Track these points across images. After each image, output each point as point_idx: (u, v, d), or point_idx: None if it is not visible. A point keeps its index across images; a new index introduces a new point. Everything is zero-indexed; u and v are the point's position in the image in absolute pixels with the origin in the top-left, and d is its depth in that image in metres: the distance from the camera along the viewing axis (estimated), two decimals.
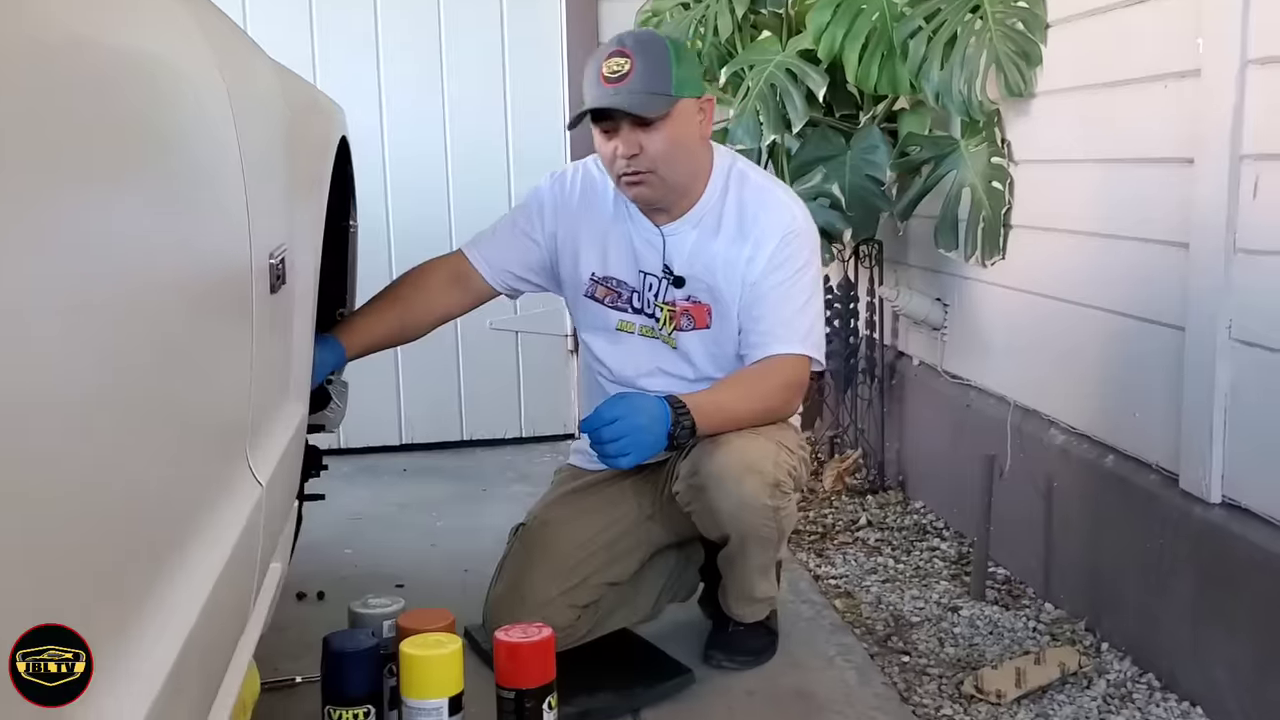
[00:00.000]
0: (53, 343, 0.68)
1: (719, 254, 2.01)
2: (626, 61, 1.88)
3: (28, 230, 0.63)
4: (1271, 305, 1.77)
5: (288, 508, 1.48)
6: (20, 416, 0.63)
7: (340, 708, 1.39)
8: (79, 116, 0.72)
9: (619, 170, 1.95)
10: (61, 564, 0.70)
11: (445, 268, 2.15)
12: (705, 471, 1.91)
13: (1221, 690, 1.86)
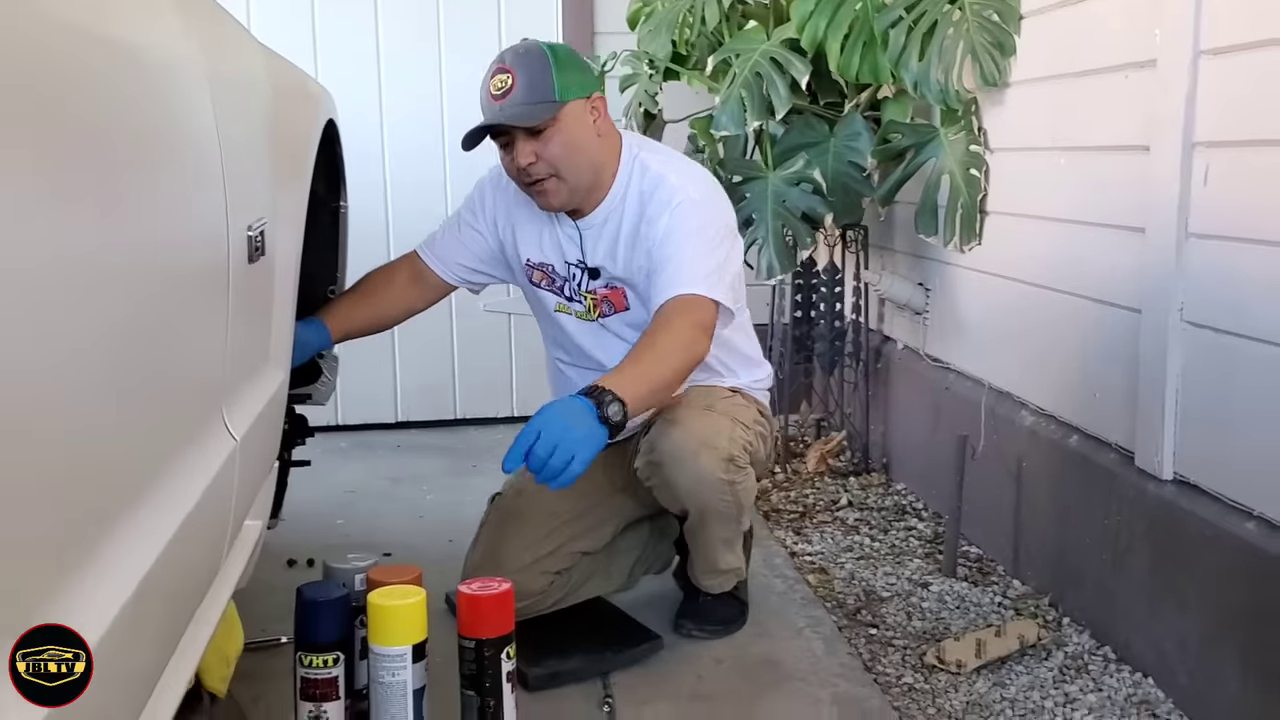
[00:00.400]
0: (41, 301, 0.75)
1: (621, 241, 2.06)
2: (509, 77, 1.94)
3: (17, 203, 0.71)
4: (1220, 288, 1.83)
5: (265, 466, 1.56)
6: (14, 360, 0.70)
7: (311, 654, 1.47)
8: (55, 93, 0.79)
9: (522, 180, 2.02)
10: (38, 488, 0.77)
11: (405, 269, 2.26)
12: (661, 449, 1.98)
13: (1171, 661, 1.93)
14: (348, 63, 3.58)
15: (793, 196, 2.87)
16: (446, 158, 3.68)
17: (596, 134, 2.03)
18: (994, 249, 2.64)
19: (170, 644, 1.14)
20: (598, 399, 1.77)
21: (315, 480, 3.18)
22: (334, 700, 1.47)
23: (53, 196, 0.79)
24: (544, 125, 1.95)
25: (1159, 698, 1.96)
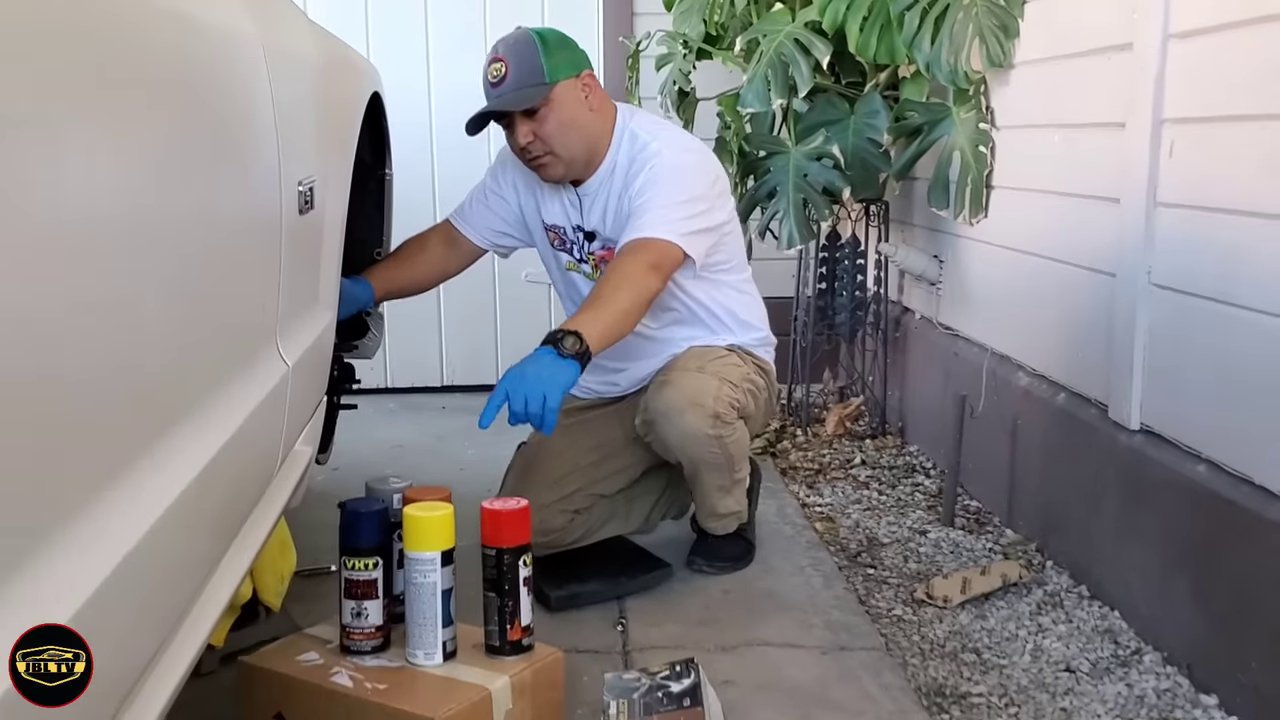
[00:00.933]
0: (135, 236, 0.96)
1: (612, 207, 2.25)
2: (502, 65, 2.14)
3: (106, 156, 0.92)
4: (1183, 252, 1.99)
5: (315, 396, 1.78)
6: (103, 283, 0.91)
7: (354, 558, 1.69)
8: (137, 71, 1.00)
9: (524, 158, 2.22)
10: (126, 381, 0.98)
11: (438, 235, 2.46)
12: (652, 408, 2.18)
13: (1134, 594, 2.10)
14: (398, 40, 3.80)
15: (813, 171, 3.05)
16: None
17: (589, 109, 2.21)
18: (998, 221, 2.80)
19: (229, 532, 1.36)
20: (552, 340, 1.94)
21: (366, 435, 3.44)
22: (374, 599, 1.69)
23: (143, 153, 1.00)
24: (538, 106, 2.14)
25: (1122, 628, 2.13)
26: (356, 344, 2.45)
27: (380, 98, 2.23)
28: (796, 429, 3.48)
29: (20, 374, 0.76)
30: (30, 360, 0.78)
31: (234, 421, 1.27)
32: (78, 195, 0.85)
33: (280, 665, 1.64)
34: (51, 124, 0.81)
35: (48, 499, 0.83)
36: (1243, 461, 1.82)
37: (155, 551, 1.01)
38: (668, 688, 1.71)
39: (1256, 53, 1.79)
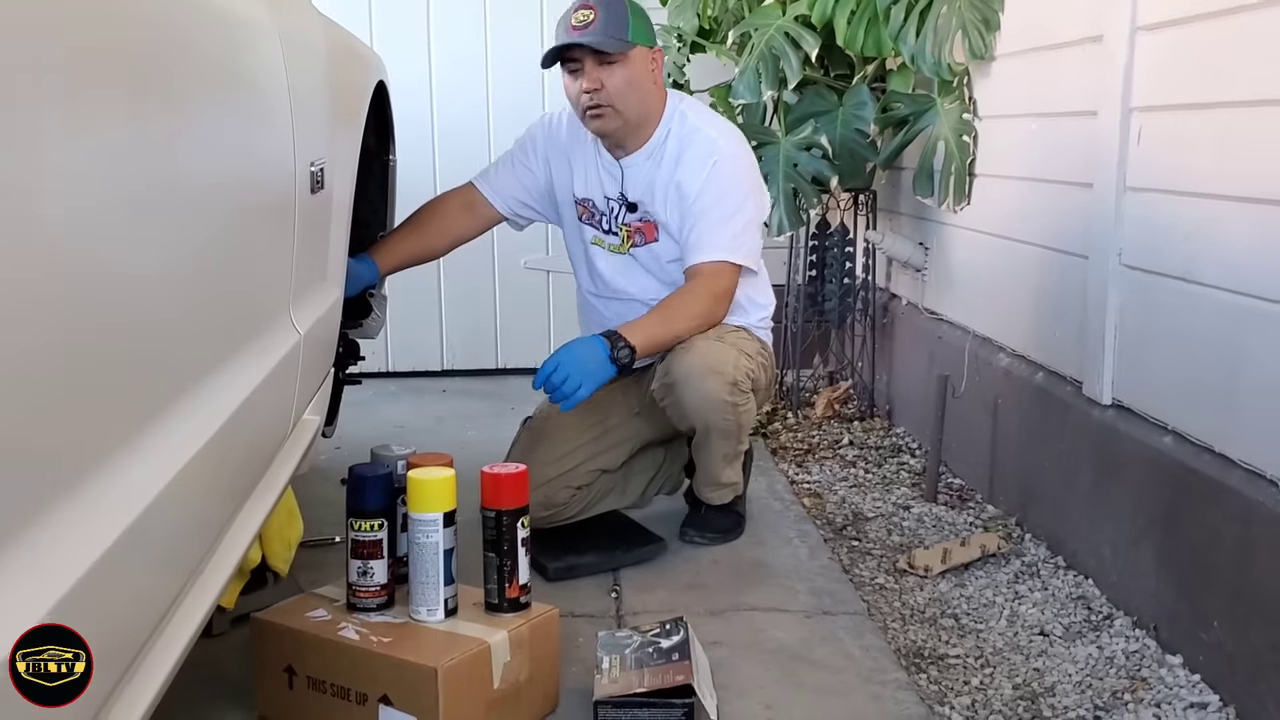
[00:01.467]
0: (147, 201, 1.05)
1: (659, 181, 2.35)
2: (591, 13, 2.25)
3: (137, 130, 1.01)
4: (1150, 233, 2.09)
5: (323, 367, 1.88)
6: (137, 250, 1.00)
7: (360, 519, 1.78)
8: (172, 51, 1.10)
9: (583, 104, 2.30)
10: (148, 341, 1.07)
11: (458, 198, 2.54)
12: (674, 371, 2.28)
13: (1105, 563, 2.20)
14: (400, 29, 3.90)
15: (803, 160, 3.15)
16: (490, 117, 3.98)
17: (653, 81, 2.34)
18: (980, 208, 2.90)
19: (243, 490, 1.45)
20: (612, 342, 2.17)
21: (368, 416, 3.53)
22: (379, 559, 1.78)
23: (177, 132, 1.09)
24: (614, 57, 2.25)
25: (1095, 594, 2.23)
26: (361, 322, 2.55)
27: (385, 86, 2.32)
28: (787, 411, 3.58)
29: (54, 331, 0.83)
30: (69, 317, 0.85)
31: (251, 382, 1.36)
32: (119, 170, 0.94)
33: (291, 621, 1.73)
34: (94, 102, 0.90)
35: (75, 449, 0.89)
36: (1204, 431, 1.91)
37: (171, 508, 1.08)
38: (658, 644, 1.80)
39: (1215, 45, 1.89)
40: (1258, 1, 1.78)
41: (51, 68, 0.82)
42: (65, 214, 0.84)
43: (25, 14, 0.78)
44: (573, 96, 2.33)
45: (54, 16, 0.83)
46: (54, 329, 0.83)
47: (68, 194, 0.85)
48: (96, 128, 0.90)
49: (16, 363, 0.77)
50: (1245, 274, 1.80)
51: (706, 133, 2.36)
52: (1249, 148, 1.80)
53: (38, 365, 0.81)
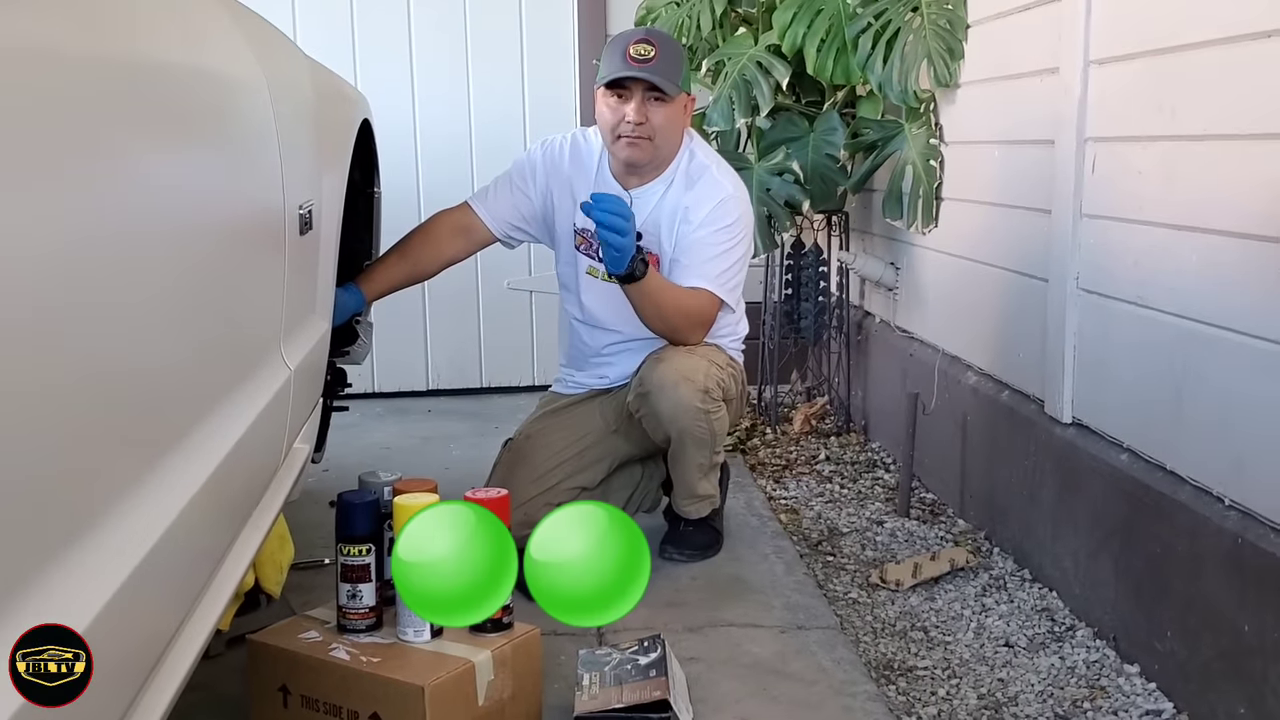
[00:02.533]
0: (147, 252, 1.12)
1: (666, 209, 2.47)
2: (652, 49, 2.36)
3: (141, 183, 1.08)
4: (1105, 259, 2.19)
5: (312, 397, 1.95)
6: (129, 291, 1.07)
7: (349, 544, 1.85)
8: (167, 107, 1.17)
9: (623, 131, 2.39)
10: (141, 385, 1.15)
11: (451, 220, 2.61)
12: (648, 381, 2.37)
13: (1068, 575, 2.29)
14: (383, 62, 3.98)
15: (775, 185, 3.24)
16: (472, 147, 4.06)
17: (682, 124, 2.48)
18: (947, 230, 2.99)
19: (240, 520, 1.53)
20: (640, 253, 2.32)
21: (355, 438, 3.60)
22: (367, 582, 1.85)
23: (179, 183, 1.17)
24: (668, 98, 2.37)
25: (1059, 606, 2.32)
26: (348, 350, 2.62)
27: (369, 124, 2.40)
28: (765, 428, 3.66)
29: (67, 374, 0.90)
30: (78, 361, 0.92)
31: (247, 419, 1.44)
32: (125, 220, 1.02)
33: (284, 642, 1.81)
34: (108, 153, 0.98)
35: (84, 492, 0.95)
36: (1156, 449, 2.01)
37: (178, 541, 1.14)
38: (636, 660, 1.88)
39: (1161, 80, 1.98)
40: (1199, 40, 1.87)
41: (53, 116, 0.87)
42: (72, 264, 0.90)
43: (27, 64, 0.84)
44: (612, 121, 2.41)
45: (57, 66, 0.89)
46: (62, 375, 0.89)
47: (72, 242, 0.90)
48: (98, 177, 0.97)
49: (28, 409, 0.83)
50: (1190, 299, 1.90)
51: (713, 172, 2.48)
52: (1192, 179, 1.90)
53: (48, 412, 0.87)
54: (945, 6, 2.89)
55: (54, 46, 0.90)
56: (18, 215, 0.80)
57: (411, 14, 4.01)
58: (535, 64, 4.07)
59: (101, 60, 1.00)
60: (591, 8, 4.01)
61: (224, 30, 1.49)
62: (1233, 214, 1.78)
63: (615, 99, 2.40)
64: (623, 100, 2.38)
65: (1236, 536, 1.74)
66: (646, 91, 2.36)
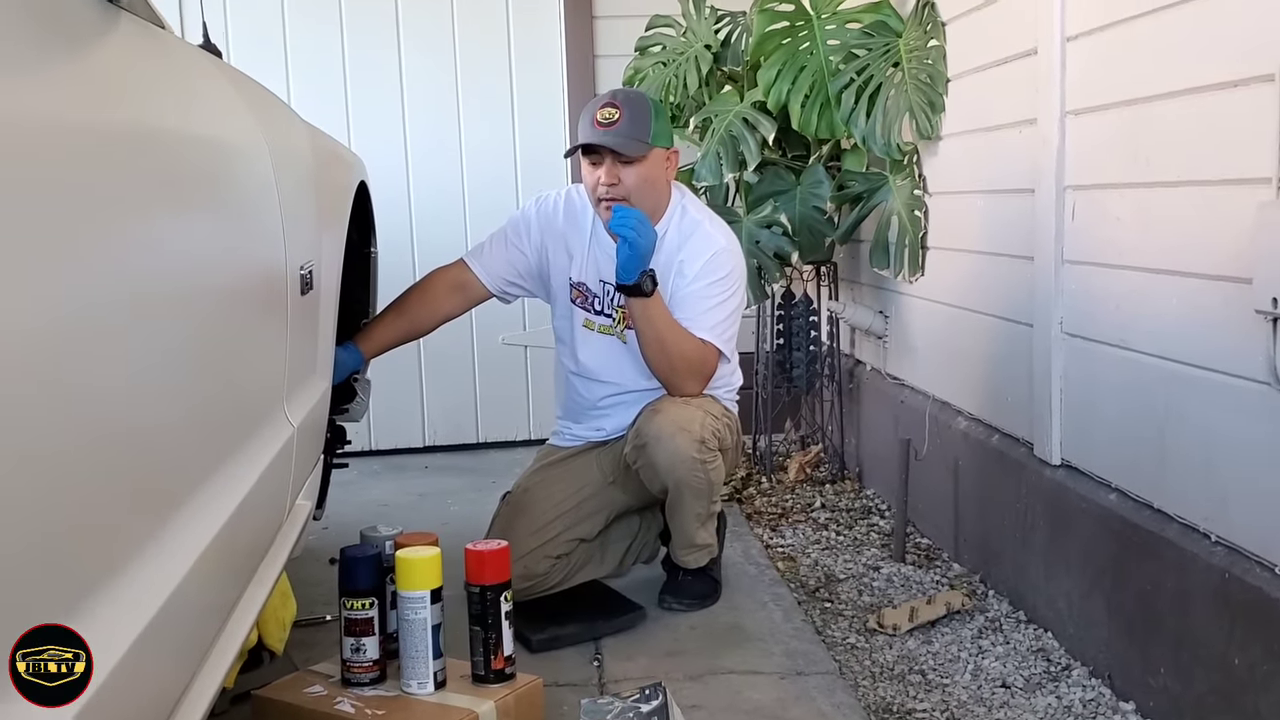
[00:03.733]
0: (158, 316, 1.16)
1: (659, 265, 2.50)
2: (616, 111, 2.41)
3: (151, 249, 1.13)
4: (1087, 303, 2.24)
5: (314, 455, 1.99)
6: (141, 353, 1.11)
7: (352, 599, 1.88)
8: (175, 175, 1.22)
9: (600, 194, 2.45)
10: (150, 447, 1.18)
11: (447, 277, 2.66)
12: (644, 432, 2.41)
13: (1062, 615, 2.32)
14: (376, 120, 4.05)
15: (764, 238, 3.30)
16: (466, 209, 4.13)
17: (665, 180, 2.52)
18: (933, 279, 3.05)
19: (246, 577, 1.55)
20: (650, 273, 2.37)
21: (353, 496, 3.63)
22: (370, 636, 1.88)
23: (188, 249, 1.22)
24: (634, 158, 2.41)
25: (1054, 647, 2.34)
26: (346, 407, 2.65)
27: (366, 185, 2.45)
28: (761, 476, 3.70)
29: (80, 436, 0.93)
30: (90, 424, 0.95)
31: (252, 477, 1.47)
32: (137, 284, 1.06)
33: (289, 697, 1.83)
34: (121, 220, 1.02)
35: (95, 554, 0.97)
36: (1143, 488, 2.04)
37: (186, 599, 1.17)
38: (638, 709, 1.90)
39: (1134, 129, 2.05)
40: (1169, 91, 1.93)
41: (66, 185, 0.91)
42: (88, 327, 0.94)
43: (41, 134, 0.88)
44: (590, 185, 2.48)
45: (69, 136, 0.93)
46: (75, 438, 0.92)
47: (85, 307, 0.94)
48: (110, 243, 1.00)
49: (41, 472, 0.85)
50: (1170, 341, 1.95)
51: (705, 227, 2.53)
52: (1167, 224, 1.96)
53: (61, 475, 0.89)
54: (925, 62, 2.97)
55: (66, 118, 0.95)
56: (33, 282, 0.84)
57: (404, 75, 4.09)
58: (526, 123, 4.15)
59: (113, 130, 1.05)
60: (581, 68, 4.10)
61: (228, 99, 1.55)
62: (1207, 257, 1.83)
63: (590, 164, 2.46)
64: (595, 165, 2.45)
65: (1223, 572, 1.78)
66: (614, 155, 2.42)
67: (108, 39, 1.18)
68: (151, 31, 1.38)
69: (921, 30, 3.00)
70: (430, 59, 4.08)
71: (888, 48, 3.11)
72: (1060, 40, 2.25)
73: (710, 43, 3.53)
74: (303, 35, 4.02)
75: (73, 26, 1.11)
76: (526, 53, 4.11)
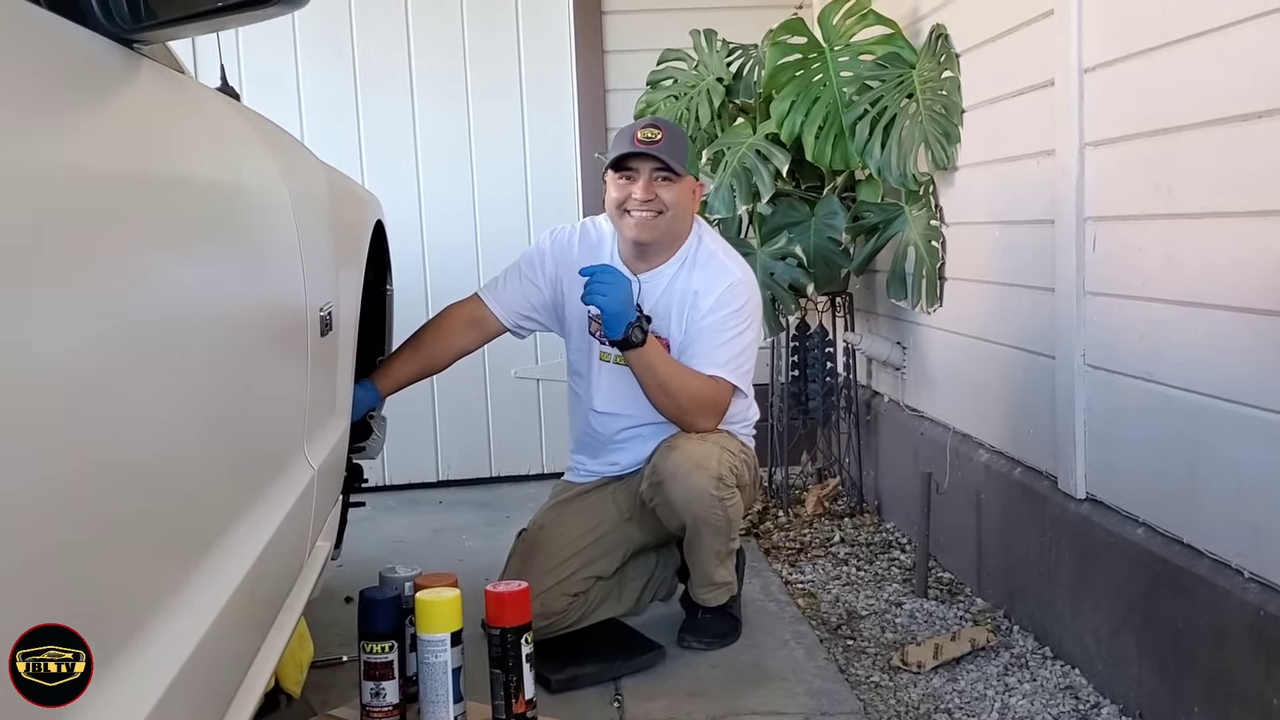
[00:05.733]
0: (184, 358, 1.15)
1: (674, 299, 2.51)
2: (659, 132, 2.46)
3: (177, 298, 1.12)
4: (1110, 335, 2.22)
5: (333, 496, 1.97)
6: (161, 404, 1.10)
7: (372, 642, 1.86)
8: (197, 221, 1.21)
9: (631, 206, 2.46)
10: (172, 495, 1.17)
11: (462, 312, 2.66)
12: (661, 469, 2.38)
13: (1090, 652, 2.28)
14: (390, 165, 4.05)
15: (779, 269, 3.29)
16: (479, 244, 4.13)
17: (690, 210, 2.55)
18: (952, 309, 3.03)
19: (268, 622, 1.53)
20: (640, 319, 2.41)
21: (368, 532, 3.60)
22: (390, 680, 1.86)
23: (207, 294, 1.21)
24: (673, 177, 2.44)
25: (1082, 684, 2.30)
26: (363, 446, 2.64)
27: (382, 224, 2.45)
28: (778, 510, 3.66)
29: (109, 487, 0.92)
30: (118, 473, 0.94)
31: (275, 521, 1.45)
32: (163, 333, 1.05)
33: None
34: (148, 271, 1.01)
35: (122, 607, 0.96)
36: (1173, 523, 2.01)
37: (212, 649, 1.15)
38: None
39: (1155, 160, 2.03)
40: (1192, 122, 1.92)
41: (90, 231, 0.91)
42: (115, 375, 0.93)
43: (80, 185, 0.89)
44: (619, 199, 2.48)
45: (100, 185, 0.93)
46: (105, 489, 0.91)
47: (114, 356, 0.93)
48: (138, 292, 1.00)
49: (76, 525, 0.85)
50: (1197, 373, 1.92)
51: (721, 258, 2.54)
52: (1192, 256, 1.94)
53: (93, 525, 0.89)
54: (940, 93, 2.96)
55: (91, 166, 0.94)
56: (64, 330, 0.83)
57: (416, 109, 4.09)
58: (537, 158, 4.15)
59: (137, 178, 1.04)
60: (592, 102, 4.10)
61: (247, 143, 1.54)
62: (1234, 289, 1.81)
63: (624, 179, 2.47)
64: (631, 180, 2.46)
65: (1258, 609, 1.74)
66: (654, 171, 2.44)
67: (130, 86, 1.18)
68: (172, 77, 1.37)
69: (935, 61, 3.00)
70: (442, 92, 4.08)
71: (901, 79, 3.10)
72: (1078, 72, 2.24)
73: (722, 75, 3.53)
74: (316, 73, 4.03)
75: (96, 75, 1.10)
76: (537, 86, 4.11)
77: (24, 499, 0.76)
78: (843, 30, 3.26)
